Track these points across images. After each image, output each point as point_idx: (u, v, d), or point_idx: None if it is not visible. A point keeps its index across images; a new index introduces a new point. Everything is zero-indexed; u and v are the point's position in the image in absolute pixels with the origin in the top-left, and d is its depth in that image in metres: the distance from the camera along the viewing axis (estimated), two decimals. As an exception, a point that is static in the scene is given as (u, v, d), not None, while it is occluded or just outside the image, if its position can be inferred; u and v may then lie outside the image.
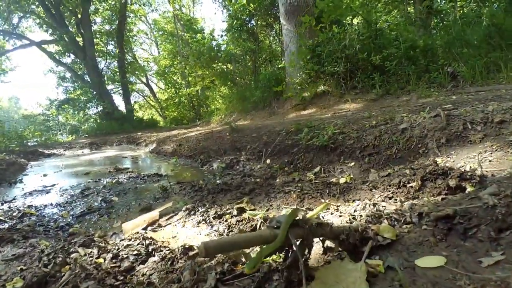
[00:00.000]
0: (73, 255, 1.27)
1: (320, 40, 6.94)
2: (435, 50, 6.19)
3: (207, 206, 2.18)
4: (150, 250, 1.32)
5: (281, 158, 3.81)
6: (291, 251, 1.02)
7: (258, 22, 10.65)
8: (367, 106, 5.62)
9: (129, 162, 5.65)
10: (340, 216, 1.48)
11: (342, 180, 2.52)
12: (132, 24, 21.01)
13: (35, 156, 7.16)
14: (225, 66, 11.94)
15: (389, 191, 1.81)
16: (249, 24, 10.79)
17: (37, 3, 14.98)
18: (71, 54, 17.00)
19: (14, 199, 3.06)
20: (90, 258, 1.24)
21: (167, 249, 1.32)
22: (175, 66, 19.75)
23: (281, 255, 1.09)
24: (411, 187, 1.70)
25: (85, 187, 3.44)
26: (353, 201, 1.83)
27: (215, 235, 1.60)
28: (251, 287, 1.01)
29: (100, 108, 16.69)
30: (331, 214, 1.58)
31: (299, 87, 7.40)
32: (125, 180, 3.74)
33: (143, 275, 1.10)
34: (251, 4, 9.50)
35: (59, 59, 17.33)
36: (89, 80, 16.70)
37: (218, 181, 2.98)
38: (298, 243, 0.99)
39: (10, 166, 4.83)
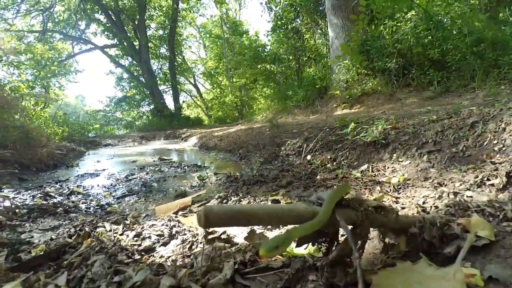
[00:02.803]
0: (98, 229, 1.25)
1: (369, 35, 6.45)
2: (506, 42, 5.31)
3: (240, 196, 2.07)
4: (173, 233, 1.25)
5: (323, 154, 3.56)
6: (336, 242, 0.78)
7: (303, 20, 10.39)
8: (423, 105, 5.04)
9: (173, 154, 5.86)
10: (403, 208, 1.22)
11: (394, 180, 2.21)
12: (183, 29, 22.21)
13: (93, 145, 7.88)
14: (268, 66, 11.89)
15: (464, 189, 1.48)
16: (294, 23, 10.58)
17: (100, 11, 16.66)
18: (129, 57, 18.60)
19: (67, 179, 3.32)
20: (114, 234, 1.20)
21: (190, 233, 1.23)
22: (220, 67, 20.35)
23: (320, 247, 0.83)
24: (492, 184, 1.36)
25: (130, 173, 3.60)
26: (413, 198, 1.54)
27: (247, 227, 1.47)
28: (278, 285, 0.79)
29: (152, 106, 17.99)
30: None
31: (345, 84, 6.98)
32: (166, 169, 3.84)
33: (161, 256, 1.01)
34: (297, 0, 9.29)
35: (118, 62, 19.06)
36: (143, 80, 18.07)
37: (254, 173, 2.86)
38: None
39: (70, 152, 5.33)
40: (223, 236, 1.11)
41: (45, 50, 12.22)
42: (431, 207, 1.06)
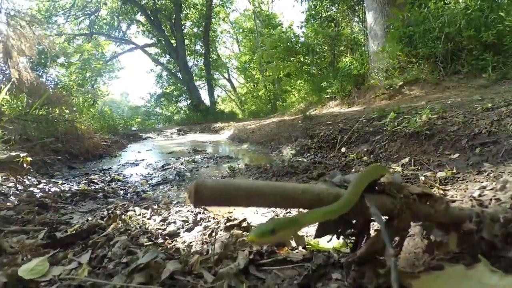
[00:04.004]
0: (129, 213, 1.30)
1: (412, 18, 5.91)
2: None
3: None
4: (198, 219, 1.25)
5: (359, 146, 3.37)
6: (366, 235, 0.66)
7: (339, 7, 9.90)
8: (474, 94, 4.51)
9: (206, 146, 6.01)
10: (454, 201, 1.08)
11: (440, 175, 2.00)
12: (217, 25, 22.55)
13: (135, 138, 8.42)
14: (302, 58, 11.59)
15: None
16: (329, 11, 10.13)
17: (139, 12, 17.57)
18: (167, 55, 19.44)
19: (110, 168, 3.55)
20: (143, 218, 1.24)
21: (215, 220, 1.21)
22: (254, 61, 20.35)
23: (347, 241, 0.72)
24: None
25: (166, 163, 3.75)
26: (465, 191, 1.36)
27: (271, 215, 1.42)
28: (295, 281, 0.70)
29: (188, 101, 18.70)
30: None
31: (385, 74, 6.53)
32: (200, 159, 3.93)
33: (183, 242, 1.01)
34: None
35: (157, 60, 20.03)
36: (180, 77, 18.78)
37: (284, 165, 2.80)
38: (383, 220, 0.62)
39: (114, 144, 5.73)
40: (243, 224, 1.08)
41: (91, 51, 13.27)
42: (490, 199, 0.88)
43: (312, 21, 10.56)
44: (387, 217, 0.65)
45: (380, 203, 0.62)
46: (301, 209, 0.63)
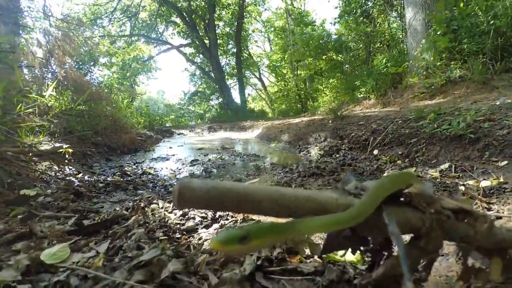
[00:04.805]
0: (152, 206, 1.34)
1: (457, 12, 5.44)
2: None
3: (293, 187, 1.98)
4: (216, 216, 1.25)
5: (393, 149, 3.18)
6: (386, 252, 0.56)
7: (376, 2, 9.42)
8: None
9: (235, 144, 6.08)
10: (499, 218, 0.96)
11: (485, 184, 1.80)
12: (249, 24, 22.71)
13: (168, 134, 8.83)
14: (334, 56, 11.25)
15: None
16: (365, 6, 9.69)
17: (175, 14, 18.28)
18: (200, 54, 20.05)
19: (143, 161, 3.74)
20: (165, 211, 1.26)
21: (233, 218, 1.20)
22: (285, 59, 20.17)
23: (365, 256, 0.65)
24: None
25: (195, 158, 3.85)
26: None
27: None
28: None
29: (220, 100, 19.14)
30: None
31: (425, 72, 6.09)
32: (227, 157, 3.98)
33: (199, 238, 1.01)
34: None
35: (192, 59, 20.73)
36: (213, 76, 19.26)
37: (310, 165, 2.72)
38: (405, 240, 0.53)
39: (148, 139, 6.04)
40: None
41: (131, 52, 14.11)
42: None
43: (346, 17, 10.19)
44: (411, 235, 0.56)
45: (404, 219, 0.53)
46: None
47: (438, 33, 5.66)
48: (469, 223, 0.55)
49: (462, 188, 1.68)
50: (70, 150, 2.47)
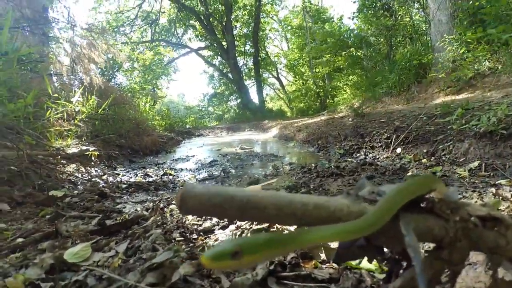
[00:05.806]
0: (171, 206, 1.37)
1: (485, 0, 5.10)
2: None
3: (311, 187, 1.95)
4: (232, 217, 1.24)
5: (417, 147, 3.04)
6: (405, 262, 0.52)
7: (398, -7, 9.07)
8: None
9: (253, 144, 6.09)
10: None
11: (519, 185, 1.68)
12: (266, 24, 22.69)
13: (188, 135, 9.03)
14: (354, 51, 10.95)
15: None
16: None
17: (194, 18, 18.65)
18: (219, 56, 20.33)
19: (164, 162, 3.84)
20: (184, 213, 1.28)
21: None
22: (303, 58, 19.95)
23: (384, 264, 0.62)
24: None
25: (214, 159, 3.90)
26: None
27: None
28: None
29: (238, 101, 19.30)
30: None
31: (451, 65, 5.78)
32: (246, 157, 4.00)
33: (216, 239, 1.01)
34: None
35: (210, 61, 21.08)
36: (231, 77, 19.46)
37: (330, 165, 2.67)
38: (424, 249, 0.52)
39: (169, 141, 6.21)
40: (272, 229, 1.03)
41: (152, 57, 14.57)
42: None
43: (365, 11, 9.89)
44: (434, 245, 0.51)
45: (425, 227, 0.48)
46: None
47: (465, 23, 5.36)
48: (500, 232, 0.50)
49: (493, 189, 1.58)
50: (96, 153, 2.59)
